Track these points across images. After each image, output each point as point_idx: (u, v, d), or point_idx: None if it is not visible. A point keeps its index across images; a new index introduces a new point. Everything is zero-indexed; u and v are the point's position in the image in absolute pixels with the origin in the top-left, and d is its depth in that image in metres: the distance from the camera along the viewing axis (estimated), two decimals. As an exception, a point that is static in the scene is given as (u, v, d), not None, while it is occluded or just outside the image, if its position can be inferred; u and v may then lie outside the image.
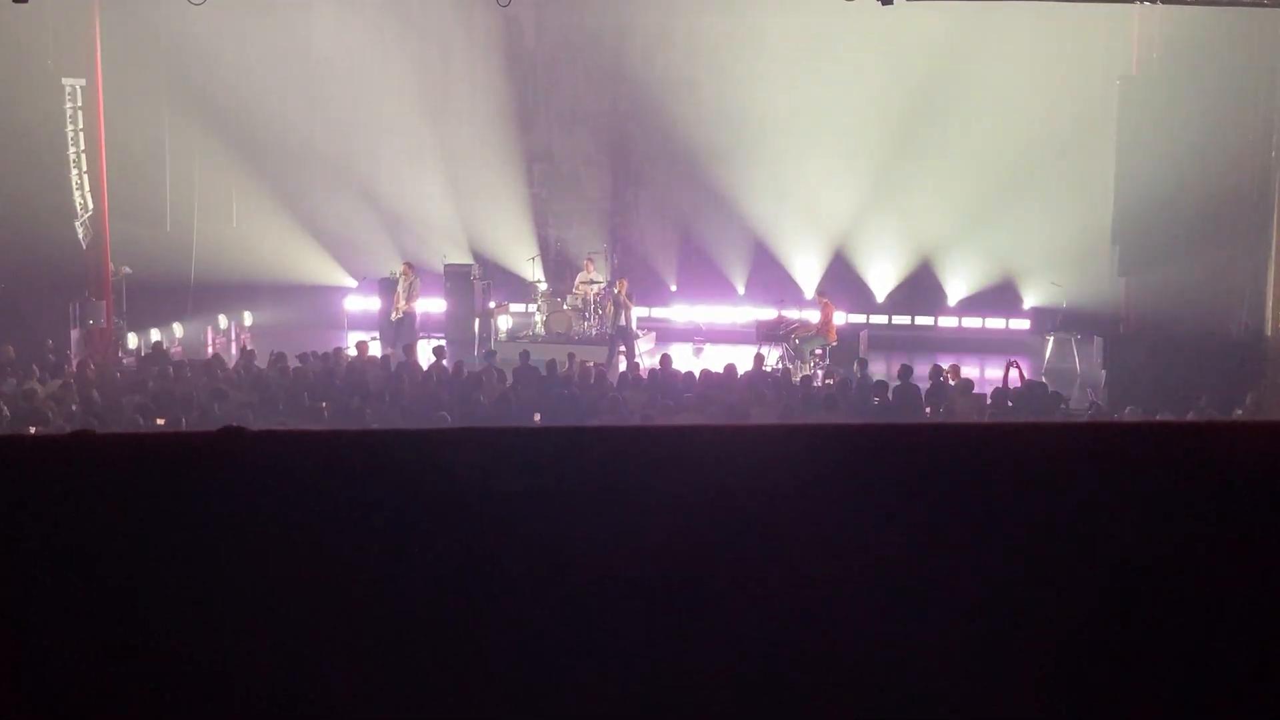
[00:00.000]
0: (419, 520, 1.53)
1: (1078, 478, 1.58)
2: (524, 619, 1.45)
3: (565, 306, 20.06)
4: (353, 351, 16.47)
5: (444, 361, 15.42)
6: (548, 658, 1.43)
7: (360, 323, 21.20)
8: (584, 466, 1.60)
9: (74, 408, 12.49)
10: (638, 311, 20.13)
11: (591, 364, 14.95)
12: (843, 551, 1.53)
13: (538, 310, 20.32)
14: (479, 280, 21.55)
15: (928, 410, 13.01)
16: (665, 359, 15.13)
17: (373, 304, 21.67)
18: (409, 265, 19.79)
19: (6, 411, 11.83)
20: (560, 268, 23.26)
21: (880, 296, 21.72)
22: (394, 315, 19.43)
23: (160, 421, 11.93)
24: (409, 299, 19.31)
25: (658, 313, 22.16)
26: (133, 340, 18.73)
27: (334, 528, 1.61)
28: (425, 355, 18.39)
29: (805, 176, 21.67)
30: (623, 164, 23.01)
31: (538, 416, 12.55)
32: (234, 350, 18.65)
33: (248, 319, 21.63)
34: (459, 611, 1.46)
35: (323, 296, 22.55)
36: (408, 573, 1.48)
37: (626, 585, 1.44)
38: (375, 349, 18.28)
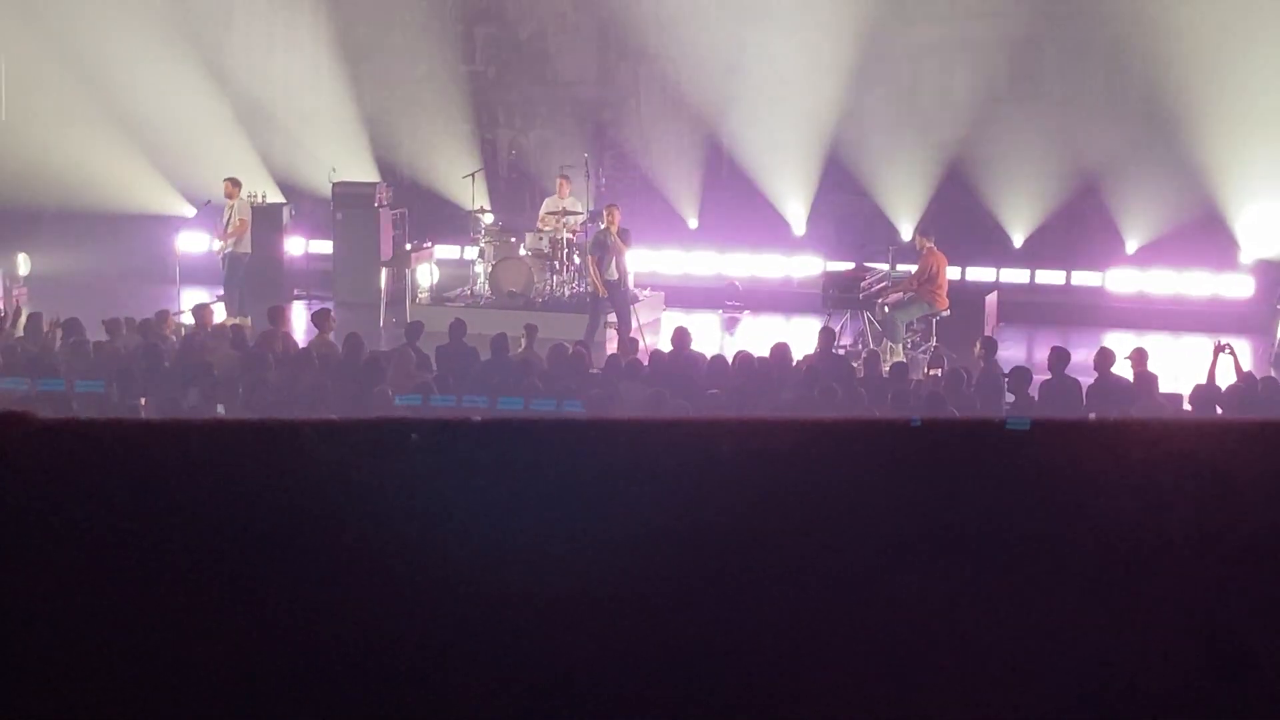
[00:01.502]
0: (271, 537, 1.66)
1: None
2: (401, 666, 1.62)
3: (523, 251, 20.13)
4: (189, 318, 16.50)
5: (330, 335, 15.48)
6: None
7: (200, 273, 21.26)
8: (538, 466, 1.69)
9: None
10: (637, 259, 20.20)
11: (569, 345, 15.03)
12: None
13: (480, 257, 20.41)
14: (387, 208, 21.62)
15: (1091, 417, 13.09)
16: (680, 335, 15.19)
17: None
18: (233, 183, 19.80)
19: None
20: (516, 190, 23.28)
21: (1018, 239, 21.79)
22: (221, 260, 19.56)
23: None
24: (233, 234, 19.41)
25: (669, 262, 22.25)
26: None
27: (154, 549, 1.72)
28: (303, 325, 18.33)
29: (899, 45, 21.70)
30: (616, 27, 23.06)
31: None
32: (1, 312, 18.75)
33: (23, 266, 21.62)
34: (314, 653, 1.62)
35: (143, 232, 22.62)
36: (253, 608, 1.63)
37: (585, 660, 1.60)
38: (222, 314, 18.33)
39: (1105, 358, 14.12)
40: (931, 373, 15.01)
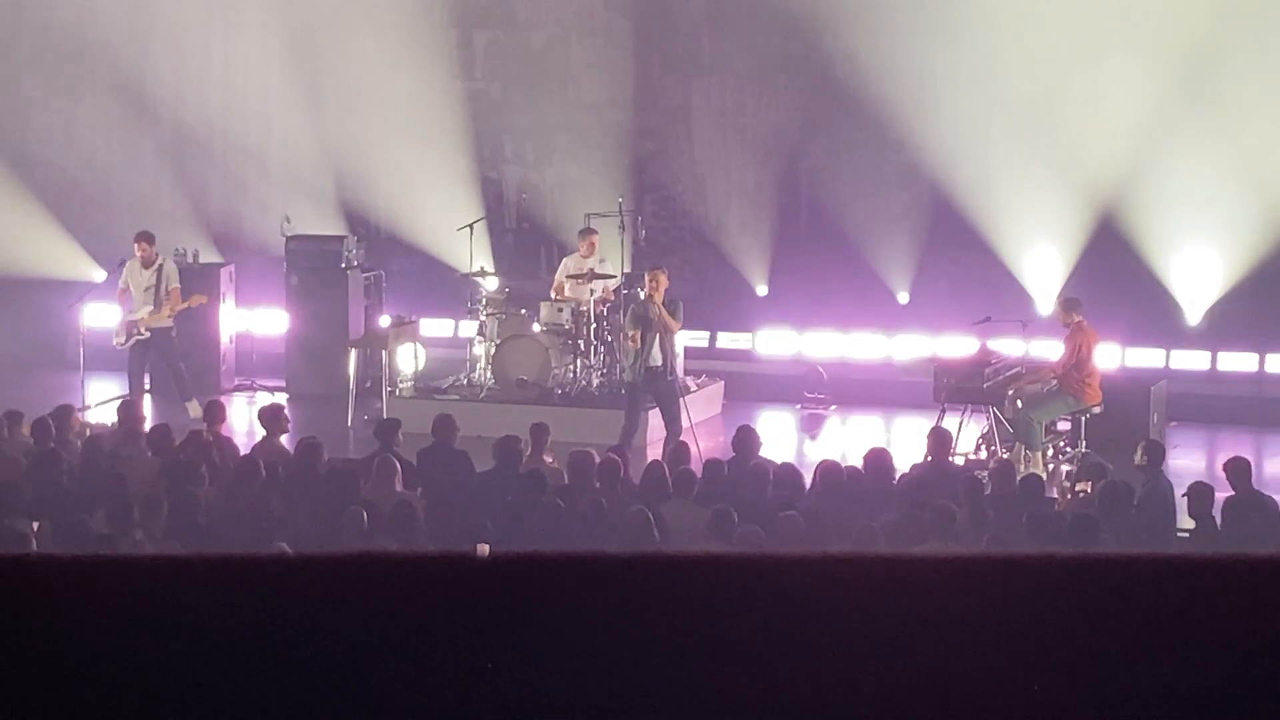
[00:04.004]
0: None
1: None
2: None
3: (537, 327, 20.18)
4: (99, 416, 16.61)
5: (283, 438, 15.53)
6: None
7: (112, 356, 21.38)
8: (558, 613, 1.73)
9: None
10: (690, 338, 20.21)
11: (595, 451, 15.01)
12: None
13: (480, 335, 20.46)
14: (358, 270, 21.72)
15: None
16: (744, 437, 15.19)
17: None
18: (145, 242, 19.86)
19: None
20: (528, 246, 23.36)
21: (1194, 312, 21.71)
22: (119, 340, 19.56)
23: None
24: (159, 306, 19.46)
25: (731, 340, 22.25)
26: None
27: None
28: (245, 424, 18.45)
29: (1031, 49, 21.70)
30: (659, 30, 23.19)
31: (484, 549, 12.69)
32: None
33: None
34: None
35: (36, 302, 22.79)
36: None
37: None
38: (149, 411, 18.41)
39: (1240, 469, 14.08)
40: (1079, 488, 14.96)
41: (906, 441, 17.54)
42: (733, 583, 1.91)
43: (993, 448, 17.40)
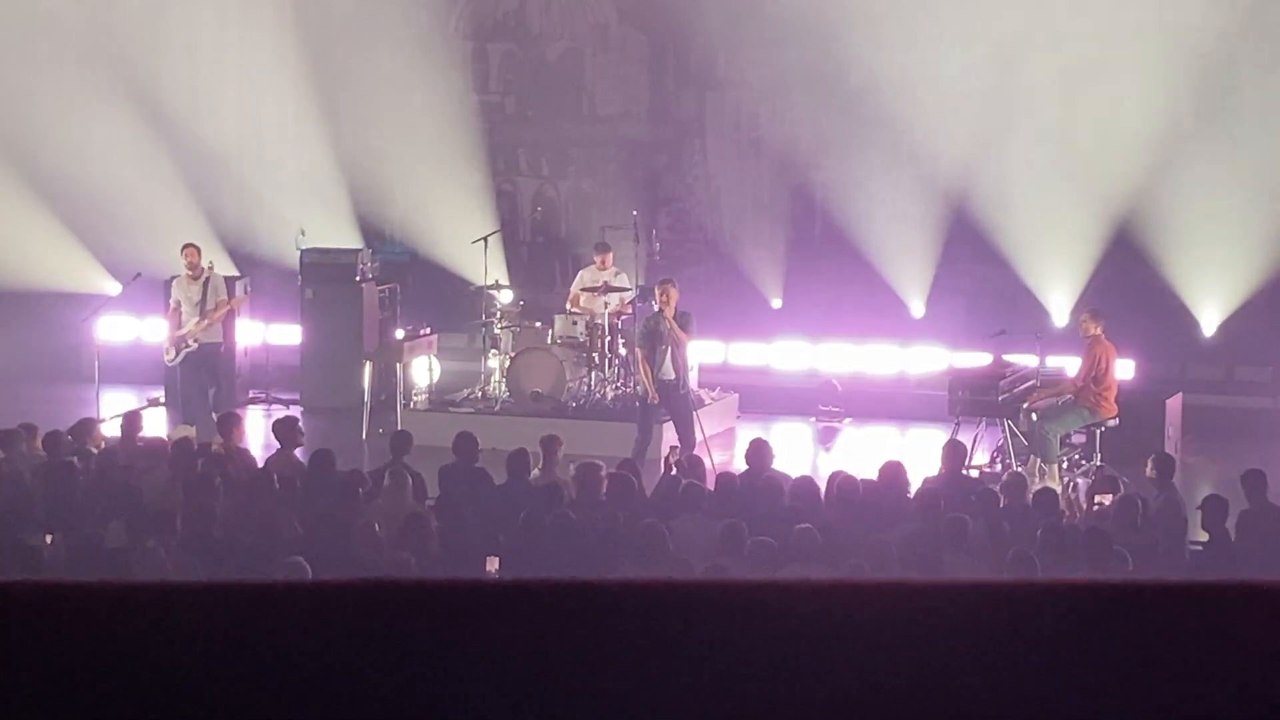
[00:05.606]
0: None
1: None
2: None
3: (553, 340, 20.18)
4: (112, 428, 16.59)
5: (297, 451, 15.53)
6: None
7: (127, 369, 21.41)
8: (572, 642, 1.72)
9: None
10: (702, 351, 20.19)
11: (601, 463, 15.00)
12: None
13: (495, 348, 20.47)
14: (372, 283, 21.72)
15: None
16: (758, 450, 15.17)
17: (153, 329, 21.86)
18: (193, 249, 19.83)
19: None
20: (542, 259, 23.36)
21: (1209, 324, 21.68)
22: (169, 356, 19.51)
23: None
24: (206, 317, 19.48)
25: (745, 354, 22.25)
26: None
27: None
28: (260, 437, 18.47)
29: (1048, 66, 21.70)
30: (674, 43, 23.20)
31: (494, 563, 12.63)
32: None
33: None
34: None
35: (54, 314, 22.82)
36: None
37: None
38: (160, 423, 18.42)
39: (1256, 482, 14.07)
40: (1096, 502, 14.93)
41: (921, 454, 17.51)
42: (747, 609, 1.89)
43: (1007, 461, 17.38)
